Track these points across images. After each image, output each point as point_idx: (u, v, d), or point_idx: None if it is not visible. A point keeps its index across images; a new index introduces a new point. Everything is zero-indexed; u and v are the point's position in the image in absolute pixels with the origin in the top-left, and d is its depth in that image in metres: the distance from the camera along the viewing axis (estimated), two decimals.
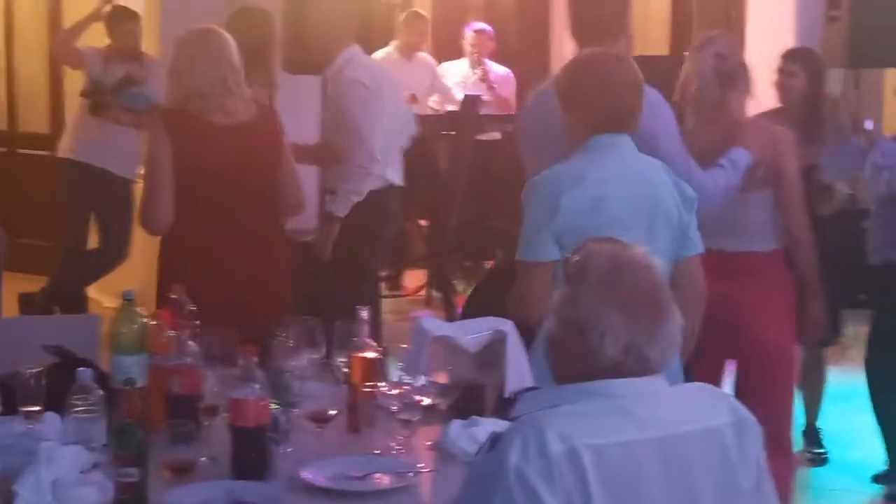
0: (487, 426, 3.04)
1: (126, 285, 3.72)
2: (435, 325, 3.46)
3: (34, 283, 8.13)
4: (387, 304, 7.67)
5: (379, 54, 8.68)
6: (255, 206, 4.49)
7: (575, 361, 2.34)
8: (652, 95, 3.93)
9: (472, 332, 3.43)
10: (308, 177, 5.60)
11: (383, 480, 2.90)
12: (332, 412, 3.14)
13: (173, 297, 3.40)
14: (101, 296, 8.05)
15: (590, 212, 3.56)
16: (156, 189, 4.36)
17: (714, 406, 2.39)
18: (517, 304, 3.66)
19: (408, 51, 9.20)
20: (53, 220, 8.39)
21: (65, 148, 7.82)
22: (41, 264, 8.60)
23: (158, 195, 4.36)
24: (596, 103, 3.65)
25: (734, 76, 4.58)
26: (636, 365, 2.29)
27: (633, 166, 3.70)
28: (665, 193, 3.68)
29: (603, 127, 3.66)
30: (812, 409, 6.13)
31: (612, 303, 2.30)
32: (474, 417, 3.18)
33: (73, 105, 8.13)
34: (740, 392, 4.52)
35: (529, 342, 3.52)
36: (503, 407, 3.25)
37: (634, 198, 3.64)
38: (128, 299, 3.25)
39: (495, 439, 2.25)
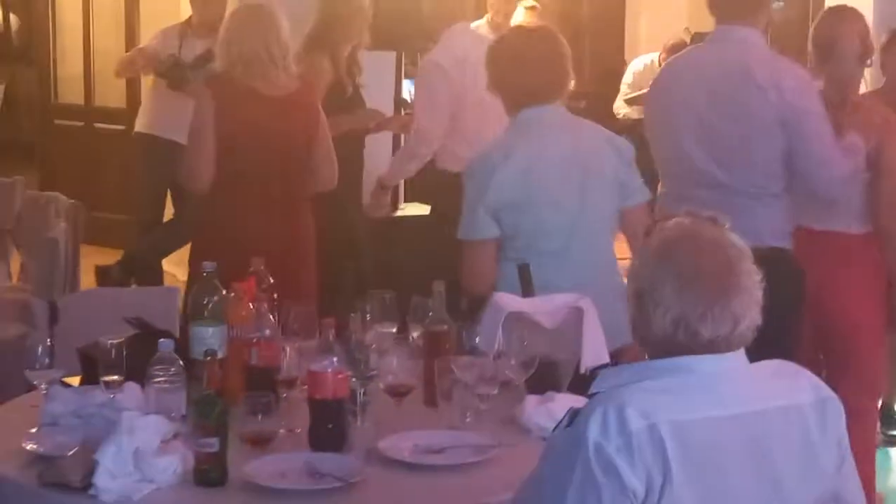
0: (563, 402, 3.02)
1: None
2: (511, 300, 3.46)
3: (110, 256, 8.22)
4: None
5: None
6: (286, 175, 4.66)
7: (642, 333, 2.33)
8: (800, 73, 4.12)
9: (549, 308, 3.42)
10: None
11: (459, 455, 2.91)
12: (409, 386, 3.14)
13: (253, 270, 3.42)
14: (176, 269, 8.12)
15: (520, 185, 3.76)
16: (198, 147, 4.57)
17: (796, 384, 2.37)
18: (465, 282, 3.86)
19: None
20: (130, 193, 8.47)
21: (141, 122, 7.88)
22: (117, 238, 8.71)
23: (200, 153, 4.56)
24: (510, 80, 3.86)
25: (870, 55, 4.55)
26: (687, 339, 2.26)
27: (559, 135, 3.85)
28: (595, 154, 3.85)
29: (523, 101, 3.84)
30: (890, 392, 6.05)
31: (666, 274, 2.28)
32: (550, 393, 3.18)
33: (149, 80, 8.19)
34: (825, 370, 4.48)
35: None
36: (579, 383, 3.26)
37: (562, 164, 3.81)
38: (207, 272, 3.27)
39: (574, 415, 2.24)
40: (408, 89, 7.74)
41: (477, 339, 3.25)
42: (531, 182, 3.77)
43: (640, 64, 10.25)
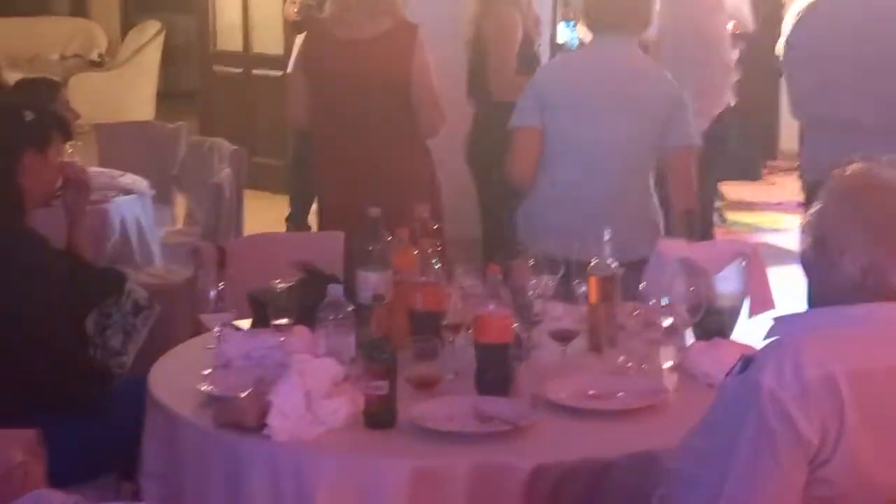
0: (730, 349, 3.00)
1: None
2: (676, 245, 3.43)
3: (270, 201, 8.38)
4: None
5: None
6: (380, 119, 4.66)
7: (822, 279, 2.29)
8: None
9: (714, 254, 3.39)
10: None
11: (625, 400, 2.90)
12: (574, 331, 3.14)
13: (419, 215, 3.45)
14: None
15: (555, 82, 4.17)
16: (289, 89, 5.04)
17: None
18: (505, 169, 4.28)
19: None
20: (287, 139, 8.59)
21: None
22: (275, 182, 8.85)
23: (290, 94, 4.98)
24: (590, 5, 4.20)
25: None
26: (877, 288, 2.22)
27: (601, 57, 4.16)
28: (642, 86, 4.10)
29: (594, 27, 4.18)
30: None
31: (853, 221, 2.24)
32: (716, 339, 3.15)
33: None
34: None
35: None
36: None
37: (602, 80, 4.10)
38: (373, 217, 3.30)
39: (747, 361, 2.21)
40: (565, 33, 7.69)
41: (642, 285, 3.23)
42: (564, 77, 4.18)
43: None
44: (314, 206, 8.01)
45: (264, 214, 8.05)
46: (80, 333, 3.50)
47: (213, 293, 3.36)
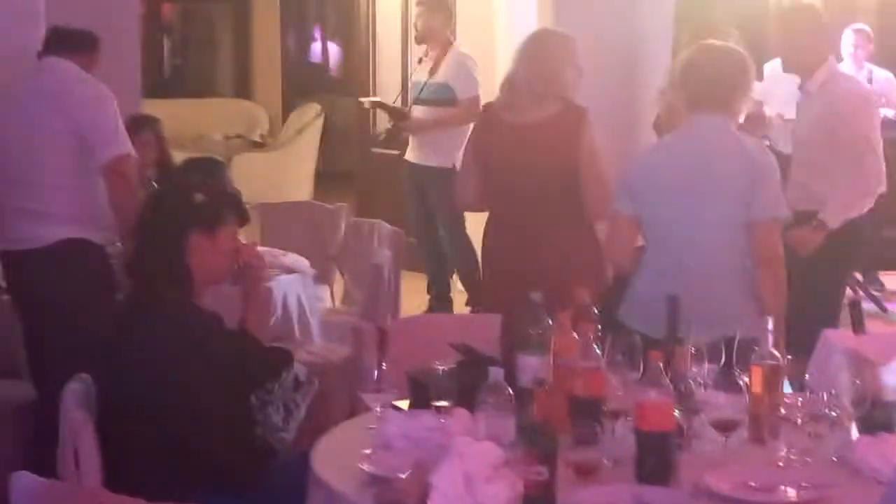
0: None
1: None
2: (843, 336, 3.38)
3: (423, 282, 8.44)
4: None
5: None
6: (544, 203, 4.70)
7: None
8: None
9: (883, 346, 3.33)
10: None
11: (788, 493, 2.86)
12: (736, 421, 3.11)
13: (578, 300, 3.46)
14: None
15: (644, 174, 4.18)
16: (459, 170, 5.10)
17: None
18: (605, 250, 4.45)
19: None
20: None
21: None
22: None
23: (459, 176, 5.08)
24: (681, 87, 4.23)
25: None
26: None
27: (695, 138, 4.14)
28: (722, 162, 4.06)
29: (689, 104, 4.18)
30: None
31: None
32: (883, 434, 3.09)
33: None
34: None
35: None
36: None
37: (682, 164, 4.10)
38: (535, 301, 3.32)
39: None
40: None
41: (807, 376, 3.18)
42: (651, 173, 4.16)
43: None
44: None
45: (420, 295, 8.14)
46: (246, 411, 3.56)
47: (374, 373, 3.40)
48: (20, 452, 4.49)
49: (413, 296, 7.65)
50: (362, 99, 9.43)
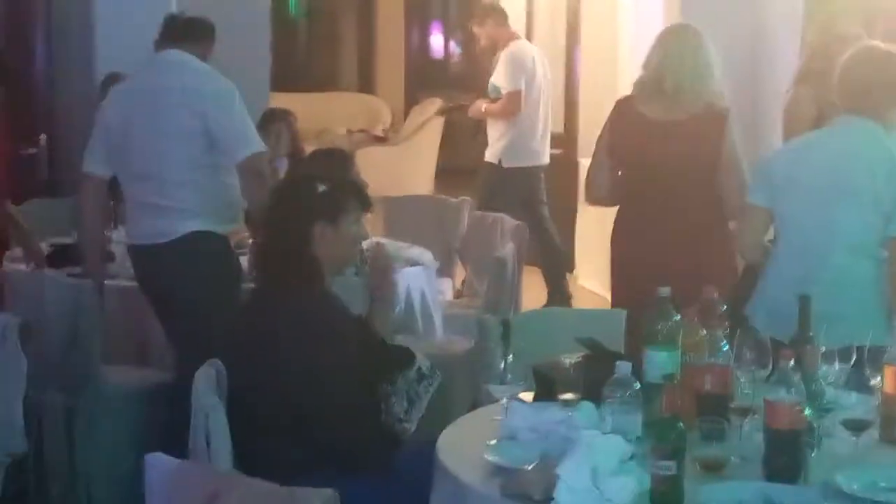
0: None
1: None
2: None
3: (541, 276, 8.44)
4: None
5: None
6: (683, 200, 4.69)
7: None
8: None
9: None
10: None
11: None
12: (867, 420, 3.07)
13: (706, 296, 3.44)
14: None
15: (785, 168, 4.08)
16: (591, 164, 4.94)
17: None
18: (737, 242, 4.41)
19: None
20: (561, 216, 8.69)
21: None
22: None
23: (591, 169, 4.95)
24: (838, 85, 4.12)
25: None
26: None
27: (838, 140, 4.07)
28: (867, 168, 3.96)
29: (843, 105, 4.10)
30: None
31: None
32: None
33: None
34: None
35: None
36: None
37: (826, 164, 4.03)
38: (663, 296, 3.31)
39: None
40: None
41: None
42: (790, 169, 4.08)
43: None
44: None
45: (540, 290, 8.15)
46: (375, 397, 3.61)
47: (499, 365, 3.42)
48: (154, 436, 4.60)
49: (536, 291, 7.66)
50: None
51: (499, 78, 8.25)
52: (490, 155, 8.32)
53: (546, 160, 8.42)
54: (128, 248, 5.09)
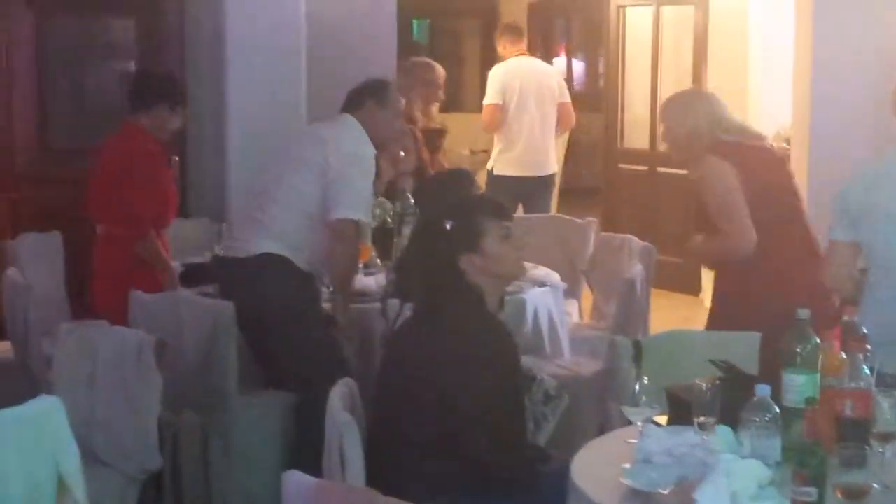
0: None
1: None
2: None
3: (670, 300, 8.36)
4: None
5: None
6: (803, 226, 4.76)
7: None
8: None
9: None
10: None
11: None
12: None
13: (846, 318, 3.38)
14: None
15: (863, 196, 4.00)
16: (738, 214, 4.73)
17: None
18: (823, 276, 4.21)
19: None
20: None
21: None
22: (678, 282, 8.85)
23: (742, 220, 4.71)
24: None
25: None
26: None
27: None
28: None
29: None
30: None
31: None
32: None
33: None
34: None
35: None
36: None
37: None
38: (801, 318, 3.26)
39: None
40: None
41: None
42: (870, 195, 3.99)
43: None
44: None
45: (668, 313, 8.07)
46: (524, 419, 3.61)
47: (632, 387, 3.39)
48: (287, 455, 4.69)
49: (664, 313, 7.59)
50: None
51: None
52: (488, 163, 8.95)
53: (542, 172, 8.77)
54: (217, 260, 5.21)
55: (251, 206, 5.20)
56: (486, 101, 8.90)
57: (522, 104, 8.69)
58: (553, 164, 8.92)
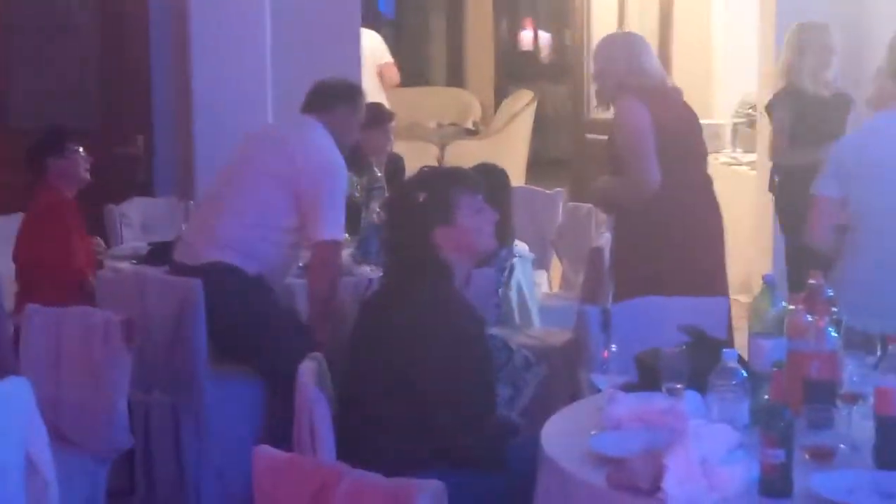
0: None
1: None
2: None
3: None
4: None
5: None
6: None
7: None
8: None
9: None
10: None
11: None
12: None
13: (812, 281, 3.39)
14: None
15: (854, 155, 4.11)
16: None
17: None
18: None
19: None
20: None
21: None
22: None
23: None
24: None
25: None
26: None
27: None
28: None
29: None
30: None
31: None
32: None
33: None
34: None
35: None
36: None
37: (890, 147, 4.05)
38: (768, 283, 3.27)
39: None
40: None
41: None
42: (863, 153, 4.09)
43: None
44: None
45: None
46: (491, 397, 3.60)
47: (601, 355, 3.39)
48: (259, 432, 4.69)
49: None
50: None
51: None
52: None
53: None
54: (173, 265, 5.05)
55: (205, 211, 5.06)
56: None
57: None
58: None
